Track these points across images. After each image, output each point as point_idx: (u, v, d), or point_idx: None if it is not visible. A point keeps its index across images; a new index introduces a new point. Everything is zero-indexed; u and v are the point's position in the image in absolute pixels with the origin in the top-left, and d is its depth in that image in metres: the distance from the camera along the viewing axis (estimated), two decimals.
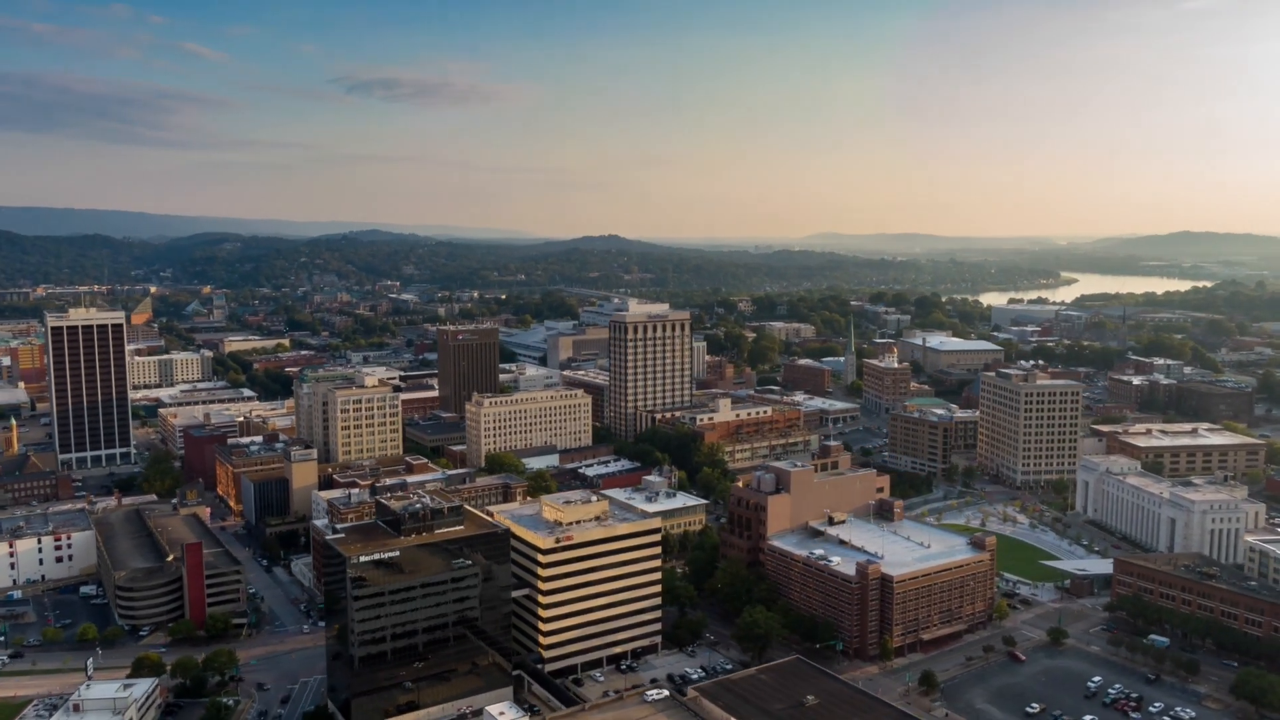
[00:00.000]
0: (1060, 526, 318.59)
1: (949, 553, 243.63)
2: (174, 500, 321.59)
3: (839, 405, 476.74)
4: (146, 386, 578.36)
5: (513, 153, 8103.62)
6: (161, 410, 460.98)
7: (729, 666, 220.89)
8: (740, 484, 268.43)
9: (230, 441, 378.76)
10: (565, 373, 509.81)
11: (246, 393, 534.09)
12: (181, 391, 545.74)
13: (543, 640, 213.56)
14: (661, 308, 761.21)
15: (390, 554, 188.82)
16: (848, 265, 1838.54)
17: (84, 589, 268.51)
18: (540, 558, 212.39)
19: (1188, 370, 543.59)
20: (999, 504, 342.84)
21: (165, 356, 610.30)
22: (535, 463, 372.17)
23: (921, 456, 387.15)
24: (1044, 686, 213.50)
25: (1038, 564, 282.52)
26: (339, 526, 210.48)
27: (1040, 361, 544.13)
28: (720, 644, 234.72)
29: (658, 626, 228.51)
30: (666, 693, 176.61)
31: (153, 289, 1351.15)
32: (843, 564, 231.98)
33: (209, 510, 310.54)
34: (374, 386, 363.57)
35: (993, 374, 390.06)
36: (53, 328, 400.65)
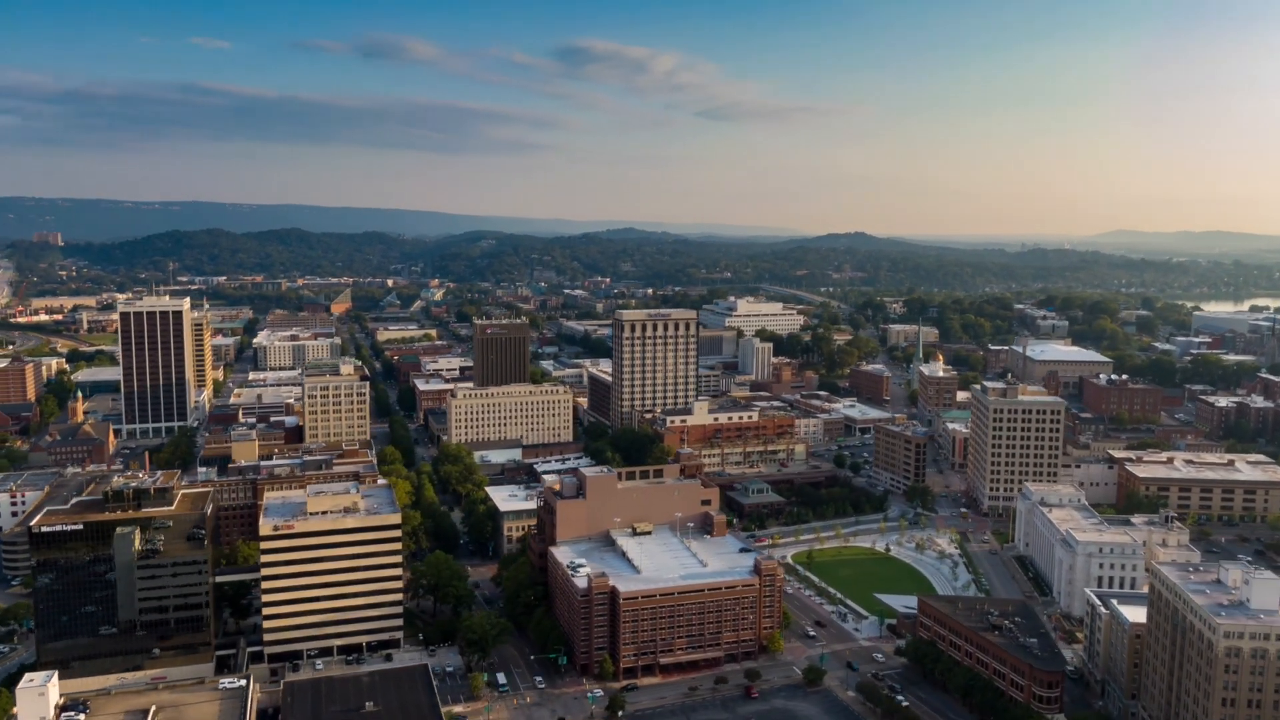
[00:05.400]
0: (970, 559, 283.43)
1: (719, 574, 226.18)
2: (121, 469, 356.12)
3: (872, 414, 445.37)
4: (277, 369, 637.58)
5: (790, 154, 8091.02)
6: (235, 390, 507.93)
7: (450, 668, 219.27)
8: (554, 487, 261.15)
9: (242, 420, 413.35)
10: (590, 369, 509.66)
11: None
12: (295, 375, 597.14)
13: (265, 624, 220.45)
14: (773, 306, 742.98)
15: (73, 526, 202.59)
16: (1099, 265, 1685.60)
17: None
18: (261, 543, 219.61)
19: None
20: (930, 530, 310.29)
21: (297, 342, 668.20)
22: (496, 456, 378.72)
23: (898, 472, 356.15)
24: None
25: (872, 597, 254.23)
26: (74, 500, 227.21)
27: (1123, 376, 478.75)
28: None
29: (398, 622, 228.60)
30: (243, 682, 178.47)
31: (389, 281, 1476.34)
32: (584, 576, 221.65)
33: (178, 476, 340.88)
34: (347, 376, 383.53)
35: (978, 387, 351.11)
36: (122, 313, 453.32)
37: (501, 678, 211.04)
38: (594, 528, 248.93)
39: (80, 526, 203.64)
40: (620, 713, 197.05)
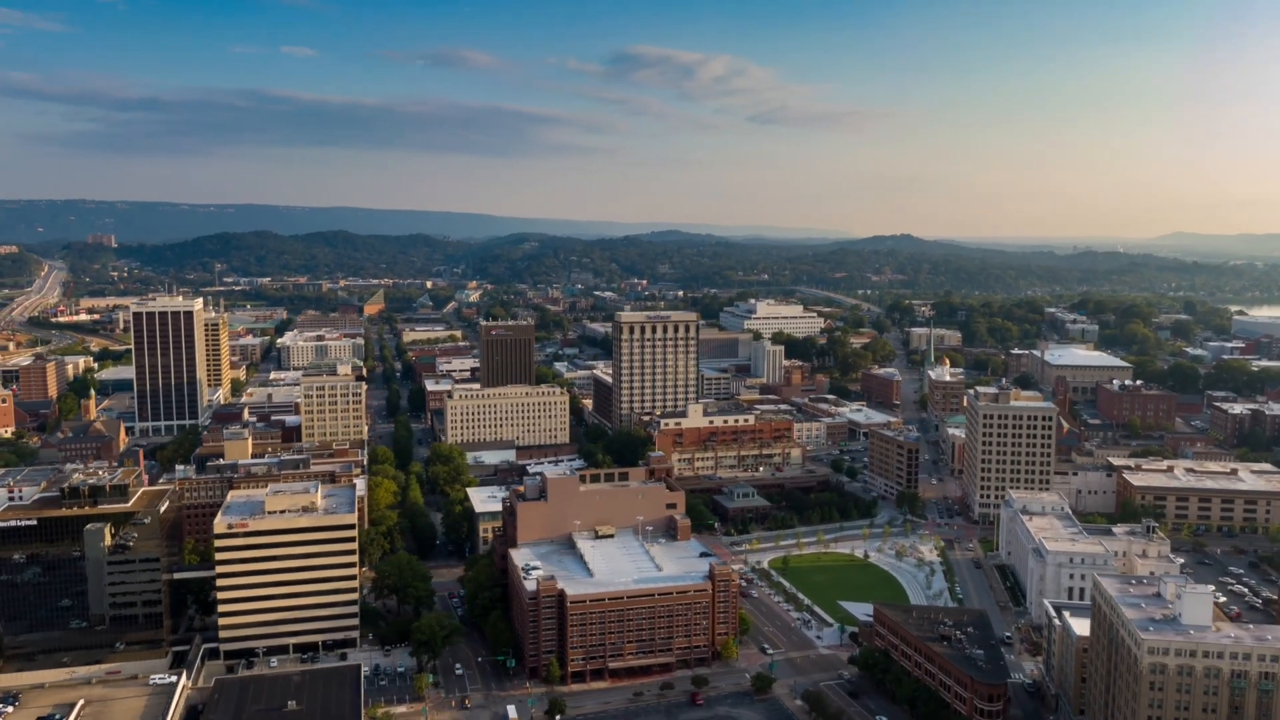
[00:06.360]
0: (949, 567, 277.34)
1: (672, 578, 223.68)
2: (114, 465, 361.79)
3: (877, 418, 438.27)
4: (300, 368, 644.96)
5: (839, 157, 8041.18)
6: (248, 389, 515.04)
7: (401, 668, 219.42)
8: (519, 489, 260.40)
9: (247, 419, 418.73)
10: (597, 372, 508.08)
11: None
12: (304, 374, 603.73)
13: (220, 621, 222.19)
14: (793, 309, 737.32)
15: (26, 522, 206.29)
16: (1149, 268, 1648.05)
17: None
18: (215, 541, 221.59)
19: None
20: (915, 537, 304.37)
21: (322, 342, 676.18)
22: (490, 457, 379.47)
23: (891, 478, 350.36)
24: None
25: (837, 604, 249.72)
26: (39, 496, 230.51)
27: (1137, 382, 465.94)
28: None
29: (354, 621, 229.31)
30: (173, 678, 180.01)
31: (429, 283, 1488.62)
32: (533, 579, 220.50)
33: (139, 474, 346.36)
34: (343, 376, 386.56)
35: (971, 392, 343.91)
36: (134, 313, 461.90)
37: (431, 678, 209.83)
38: (555, 530, 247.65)
39: (34, 522, 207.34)
40: (558, 717, 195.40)
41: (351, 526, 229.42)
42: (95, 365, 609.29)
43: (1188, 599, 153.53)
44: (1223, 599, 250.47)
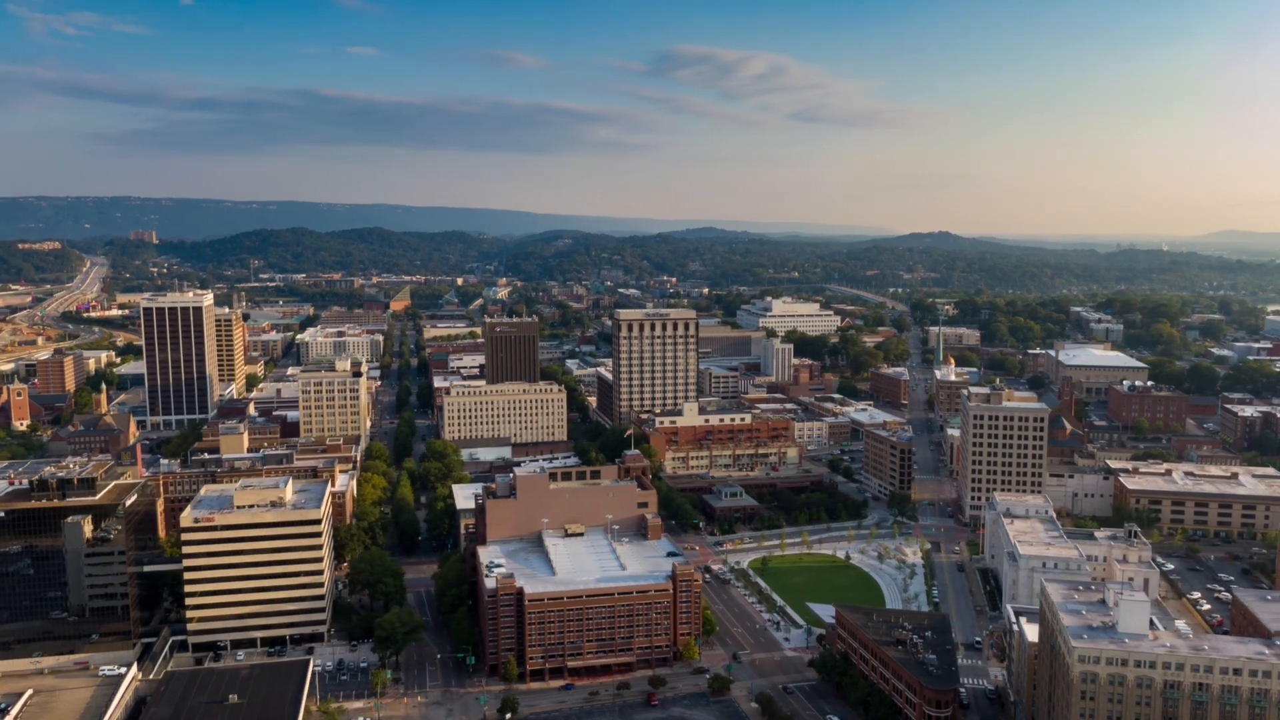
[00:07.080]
0: (930, 570, 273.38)
1: (633, 578, 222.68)
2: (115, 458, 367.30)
3: (882, 418, 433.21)
4: (316, 364, 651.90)
5: (879, 155, 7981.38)
6: (259, 384, 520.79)
7: (364, 664, 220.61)
8: (491, 487, 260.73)
9: (249, 414, 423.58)
10: (601, 370, 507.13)
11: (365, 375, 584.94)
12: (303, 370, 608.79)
13: (188, 614, 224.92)
14: (809, 307, 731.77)
15: None
16: (1191, 267, 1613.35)
17: None
18: (183, 535, 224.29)
19: None
20: (902, 538, 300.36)
21: (341, 338, 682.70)
22: (486, 454, 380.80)
23: (885, 479, 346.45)
24: None
25: (805, 605, 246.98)
26: (12, 488, 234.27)
27: (1148, 383, 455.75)
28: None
29: (322, 616, 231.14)
30: (123, 670, 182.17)
31: (459, 280, 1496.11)
32: (494, 577, 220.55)
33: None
34: (341, 372, 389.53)
35: (965, 392, 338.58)
36: (144, 309, 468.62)
37: (390, 674, 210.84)
38: (525, 528, 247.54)
39: (3, 515, 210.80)
40: (510, 715, 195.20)
41: (317, 522, 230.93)
42: (117, 360, 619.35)
43: (1124, 607, 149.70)
44: (1207, 606, 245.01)
